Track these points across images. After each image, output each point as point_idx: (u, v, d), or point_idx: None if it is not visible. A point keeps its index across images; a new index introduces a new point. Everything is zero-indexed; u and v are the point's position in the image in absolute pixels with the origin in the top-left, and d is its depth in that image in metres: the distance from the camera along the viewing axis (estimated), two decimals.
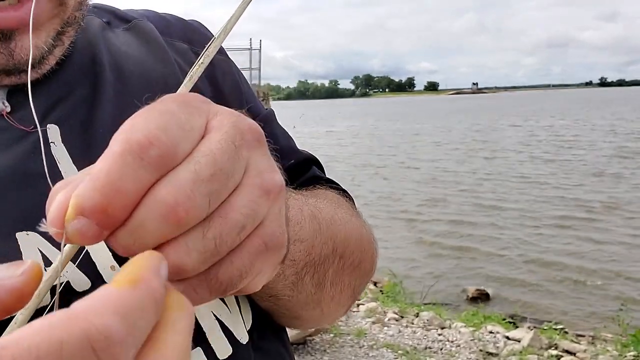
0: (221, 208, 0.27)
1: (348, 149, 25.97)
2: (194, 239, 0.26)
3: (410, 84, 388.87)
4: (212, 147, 0.27)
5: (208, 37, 0.67)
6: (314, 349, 4.20)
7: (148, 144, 0.25)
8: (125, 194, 0.25)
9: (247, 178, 0.28)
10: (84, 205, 0.24)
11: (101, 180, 0.24)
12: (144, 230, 0.25)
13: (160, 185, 0.25)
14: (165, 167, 0.26)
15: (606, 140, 24.54)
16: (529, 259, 8.67)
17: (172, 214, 0.25)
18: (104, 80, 0.55)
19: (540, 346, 4.45)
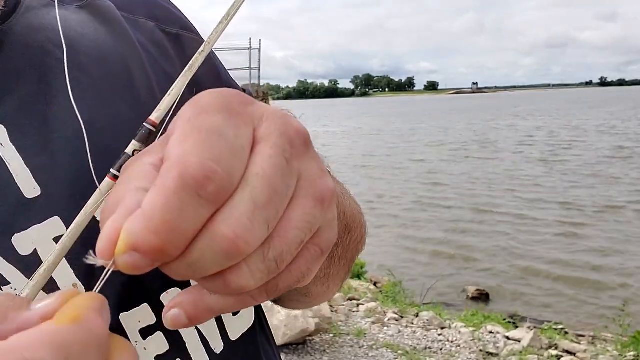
0: (279, 227, 0.27)
1: (344, 147, 25.98)
2: (255, 262, 0.26)
3: (410, 83, 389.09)
4: (265, 167, 0.26)
5: (173, 13, 0.61)
6: (313, 349, 4.20)
7: (204, 179, 0.24)
8: (182, 233, 0.24)
9: (300, 189, 0.28)
10: (137, 244, 0.23)
11: (156, 220, 0.23)
12: (203, 264, 0.25)
13: (217, 220, 0.25)
14: (222, 200, 0.25)
15: (603, 140, 24.54)
16: (528, 259, 8.68)
17: (232, 247, 0.25)
18: (55, 69, 0.47)
19: (540, 346, 4.45)
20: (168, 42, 0.58)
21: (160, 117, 0.31)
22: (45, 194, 0.42)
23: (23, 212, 0.41)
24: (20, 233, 0.41)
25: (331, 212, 0.30)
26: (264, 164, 0.26)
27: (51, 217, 0.42)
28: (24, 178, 0.42)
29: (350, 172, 18.07)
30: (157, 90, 0.52)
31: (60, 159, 0.44)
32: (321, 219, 0.28)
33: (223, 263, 0.25)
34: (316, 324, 4.23)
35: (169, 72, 0.56)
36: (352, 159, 22.06)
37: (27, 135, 0.44)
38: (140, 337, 0.46)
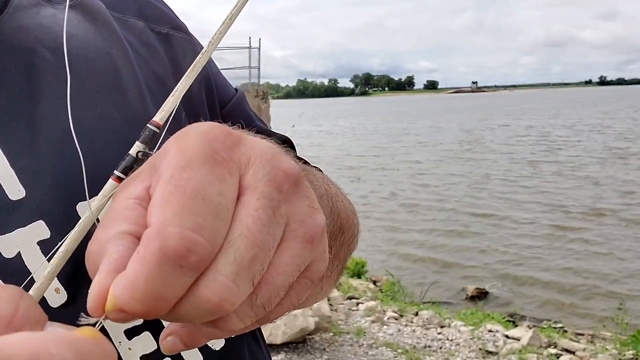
0: (267, 275, 0.26)
1: (333, 146, 25.96)
2: (243, 310, 0.27)
3: (410, 82, 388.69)
4: (249, 224, 0.25)
5: (163, 12, 0.61)
6: (313, 348, 4.20)
7: (186, 251, 0.24)
8: (165, 300, 0.24)
9: (288, 232, 0.27)
10: (123, 308, 0.24)
11: (139, 290, 0.24)
12: (190, 319, 0.26)
13: (201, 285, 0.25)
14: (204, 266, 0.25)
15: (598, 141, 24.54)
16: (528, 259, 8.68)
17: (218, 309, 0.25)
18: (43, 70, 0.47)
19: (539, 345, 4.45)
20: (158, 42, 0.58)
21: (164, 118, 0.31)
22: (30, 196, 0.42)
23: (7, 214, 0.41)
24: (4, 235, 0.41)
25: (321, 247, 0.29)
26: (248, 220, 0.26)
27: (36, 220, 0.42)
28: (9, 179, 0.42)
29: (343, 170, 18.07)
30: (146, 91, 0.52)
31: (46, 160, 0.43)
32: (311, 257, 0.28)
33: (209, 319, 0.26)
34: (316, 323, 4.23)
35: (158, 72, 0.55)
36: (345, 156, 22.07)
37: (13, 136, 0.43)
38: (125, 337, 0.46)
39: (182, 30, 0.61)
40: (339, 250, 0.57)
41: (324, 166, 0.63)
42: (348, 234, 0.58)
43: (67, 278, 0.42)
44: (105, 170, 0.45)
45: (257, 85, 12.65)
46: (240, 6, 0.33)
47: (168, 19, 0.61)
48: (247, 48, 12.69)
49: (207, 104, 0.59)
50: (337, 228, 0.54)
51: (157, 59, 0.56)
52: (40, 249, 0.42)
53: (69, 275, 0.42)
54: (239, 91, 0.68)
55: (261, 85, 13.63)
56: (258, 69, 13.00)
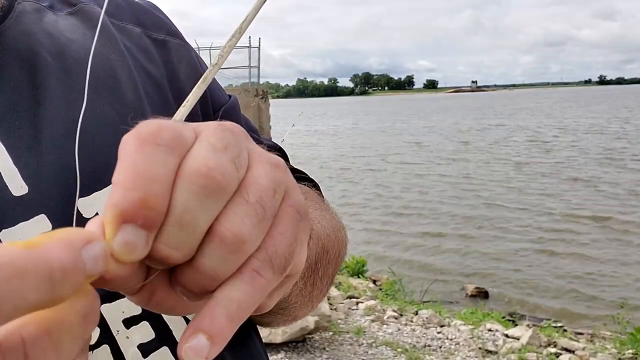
0: (249, 177, 0.27)
1: (325, 146, 25.98)
2: (240, 206, 0.26)
3: (410, 82, 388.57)
4: (212, 130, 0.28)
5: (160, 19, 0.64)
6: (313, 347, 4.21)
7: (158, 131, 0.25)
8: (157, 178, 0.24)
9: (253, 158, 0.29)
10: (123, 208, 0.23)
11: (130, 177, 0.24)
12: (191, 212, 0.25)
13: (186, 164, 0.25)
14: (181, 147, 0.26)
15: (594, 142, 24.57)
16: (527, 258, 8.68)
17: (210, 181, 0.25)
18: (45, 72, 0.49)
19: (539, 344, 4.46)
20: (154, 48, 0.60)
21: None
22: (32, 192, 0.44)
23: (11, 209, 0.43)
24: (9, 229, 0.42)
25: (290, 177, 0.30)
26: (210, 128, 0.28)
27: (38, 214, 0.43)
28: (12, 176, 0.43)
29: (337, 170, 18.09)
30: (143, 93, 0.54)
31: (48, 158, 0.45)
32: (284, 180, 0.29)
33: (207, 204, 0.25)
34: (316, 322, 4.23)
35: (154, 75, 0.58)
36: (341, 154, 22.08)
37: (16, 135, 0.45)
38: (124, 326, 0.47)
39: (178, 37, 0.64)
40: (326, 268, 0.58)
41: (317, 165, 0.64)
42: (332, 252, 0.59)
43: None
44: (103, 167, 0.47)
45: (257, 85, 12.65)
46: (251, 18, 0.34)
47: (164, 26, 0.64)
48: (246, 47, 12.69)
49: (200, 111, 0.61)
50: (320, 249, 0.55)
51: (153, 64, 0.59)
52: None
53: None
54: (232, 97, 0.70)
55: (261, 84, 13.63)
56: (258, 68, 13.00)
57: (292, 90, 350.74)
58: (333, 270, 0.61)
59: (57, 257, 0.20)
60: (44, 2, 0.56)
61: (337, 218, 0.66)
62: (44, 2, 0.56)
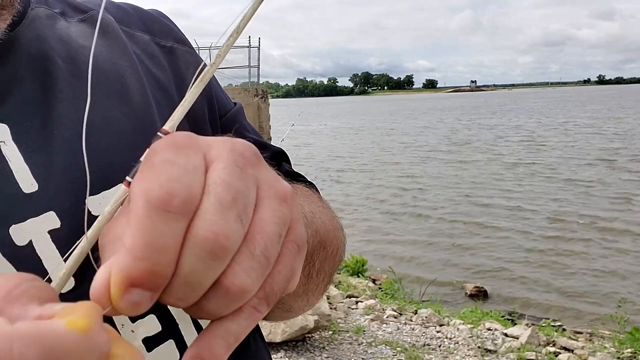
0: (255, 225, 0.28)
1: (318, 146, 25.97)
2: (246, 260, 0.27)
3: (409, 81, 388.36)
4: (221, 174, 0.28)
5: (169, 27, 0.66)
6: (312, 346, 4.21)
7: (168, 196, 0.26)
8: (165, 249, 0.25)
9: (262, 192, 0.30)
10: (129, 275, 0.25)
11: (138, 246, 0.25)
12: (196, 274, 0.26)
13: (194, 228, 0.26)
14: (190, 211, 0.26)
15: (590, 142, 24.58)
16: (527, 258, 8.69)
17: (215, 245, 0.26)
18: (56, 76, 0.51)
19: (538, 343, 4.46)
20: (162, 54, 0.62)
21: (173, 127, 0.32)
22: (42, 189, 0.45)
23: (21, 205, 0.44)
24: (18, 224, 0.43)
25: (296, 209, 0.31)
26: (220, 173, 0.28)
27: (47, 211, 0.45)
28: (23, 174, 0.45)
29: (332, 172, 18.08)
30: (151, 98, 0.56)
31: (58, 157, 0.46)
32: (289, 215, 0.30)
33: (213, 265, 0.26)
34: (315, 321, 4.24)
35: (163, 82, 0.59)
36: (337, 155, 22.08)
37: (28, 135, 0.47)
38: (129, 320, 0.48)
39: (185, 44, 0.66)
40: (323, 263, 0.59)
41: (312, 165, 0.65)
42: (330, 248, 0.60)
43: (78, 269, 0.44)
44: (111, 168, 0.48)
45: (257, 84, 12.65)
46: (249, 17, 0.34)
47: (172, 33, 0.66)
48: (246, 47, 12.68)
49: (208, 117, 0.63)
50: (317, 242, 0.57)
51: (161, 70, 0.61)
52: (51, 238, 0.44)
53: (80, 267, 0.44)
54: (237, 104, 0.72)
55: (261, 84, 13.63)
56: (258, 68, 13.00)
57: (291, 89, 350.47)
58: (331, 267, 0.63)
59: (104, 343, 0.22)
60: (56, 9, 0.58)
61: (336, 219, 0.68)
62: (56, 8, 0.58)
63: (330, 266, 0.62)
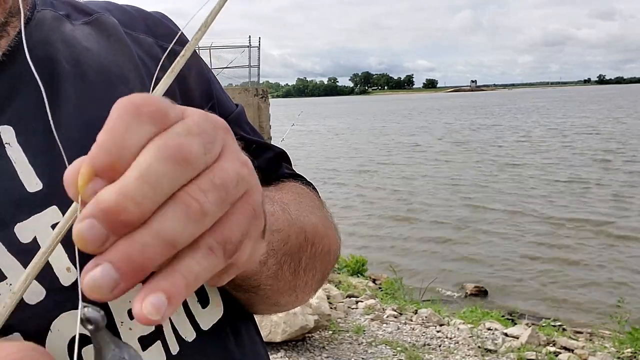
0: (217, 165, 0.29)
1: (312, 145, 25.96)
2: (206, 184, 0.28)
3: (410, 81, 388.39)
4: (195, 117, 0.30)
5: (172, 29, 0.67)
6: (313, 346, 4.21)
7: (142, 102, 0.28)
8: (129, 146, 0.27)
9: (225, 153, 0.31)
10: (94, 164, 0.26)
11: (106, 140, 0.27)
12: (154, 173, 0.27)
13: (158, 137, 0.28)
14: (159, 121, 0.28)
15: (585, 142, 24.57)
16: (527, 257, 8.70)
17: (178, 154, 0.27)
18: (62, 78, 0.52)
19: (538, 343, 4.47)
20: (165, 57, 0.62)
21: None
22: (46, 188, 0.46)
23: (25, 204, 0.45)
24: (22, 222, 0.44)
25: (255, 180, 0.33)
26: (195, 114, 0.30)
27: (50, 206, 0.45)
28: (28, 174, 0.46)
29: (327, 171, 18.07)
30: None
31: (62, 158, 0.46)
32: (248, 179, 0.31)
33: (173, 171, 0.27)
34: (315, 321, 4.24)
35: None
36: (334, 155, 22.08)
37: (33, 137, 0.48)
38: (128, 317, 0.48)
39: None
40: (312, 261, 0.60)
41: (309, 165, 0.65)
42: (320, 246, 0.61)
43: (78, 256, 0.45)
44: None
45: (257, 84, 12.65)
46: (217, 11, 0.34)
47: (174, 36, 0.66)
48: (246, 47, 12.69)
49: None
50: (302, 240, 0.58)
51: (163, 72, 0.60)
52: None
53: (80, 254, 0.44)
54: (239, 106, 0.73)
55: (261, 83, 13.64)
56: (258, 67, 13.00)
57: (292, 89, 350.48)
58: (323, 265, 0.63)
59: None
60: (61, 11, 0.58)
61: (330, 218, 0.68)
62: (61, 10, 0.58)
63: (322, 264, 0.63)
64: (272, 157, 0.71)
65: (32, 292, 0.43)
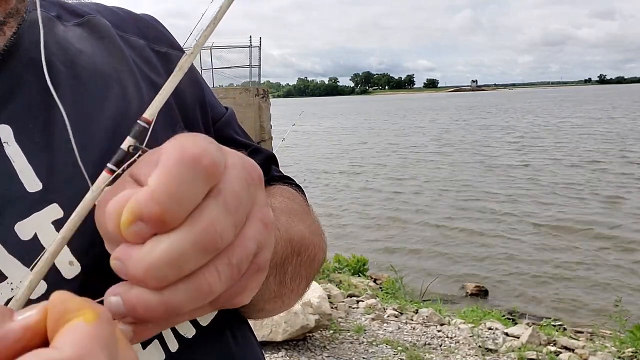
0: (241, 237, 0.31)
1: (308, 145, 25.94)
2: (222, 265, 0.30)
3: (410, 81, 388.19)
4: (234, 182, 0.31)
5: (162, 32, 0.67)
6: (313, 345, 4.22)
7: (202, 153, 0.28)
8: (183, 201, 0.27)
9: (253, 212, 0.33)
10: (142, 212, 0.27)
11: (161, 189, 0.27)
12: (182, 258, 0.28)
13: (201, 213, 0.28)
14: (213, 178, 0.29)
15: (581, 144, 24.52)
16: (527, 257, 8.69)
17: (211, 239, 0.28)
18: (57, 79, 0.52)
19: (539, 342, 4.47)
20: (157, 60, 0.63)
21: (153, 115, 0.33)
22: (46, 187, 0.46)
23: (25, 203, 0.45)
24: (23, 221, 0.44)
25: (271, 236, 0.35)
26: (233, 179, 0.31)
27: (50, 204, 0.46)
28: (27, 174, 0.46)
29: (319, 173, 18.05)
30: (147, 99, 0.57)
31: (60, 157, 0.48)
32: (265, 240, 0.33)
33: (200, 257, 0.28)
34: (316, 321, 4.24)
35: (158, 83, 0.60)
36: (331, 155, 22.07)
37: (30, 137, 0.48)
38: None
39: (179, 49, 0.68)
40: (298, 269, 0.61)
41: (306, 166, 0.66)
42: (306, 255, 0.62)
43: (81, 250, 0.45)
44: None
45: (258, 84, 12.65)
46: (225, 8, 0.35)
47: (165, 39, 0.67)
48: (247, 47, 12.68)
49: (201, 122, 0.65)
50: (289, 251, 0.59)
51: (156, 74, 0.62)
52: (55, 228, 0.45)
53: (83, 247, 0.46)
54: (229, 110, 0.74)
55: (262, 84, 13.63)
56: (259, 67, 12.99)
57: (292, 89, 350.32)
58: (308, 271, 0.64)
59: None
60: (51, 12, 0.57)
61: (316, 223, 0.69)
62: (52, 11, 0.58)
63: (307, 270, 0.64)
64: (262, 161, 0.72)
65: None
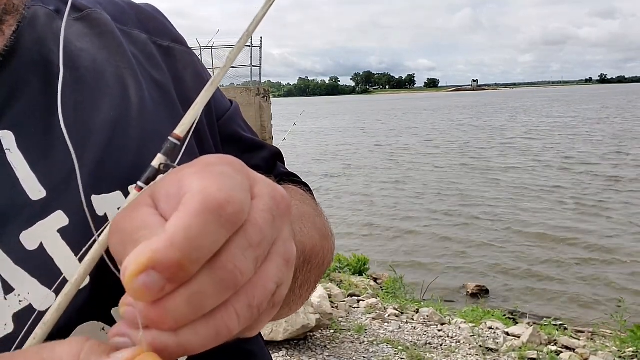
0: (261, 274, 0.29)
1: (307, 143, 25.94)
2: (242, 306, 0.28)
3: (411, 80, 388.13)
4: (259, 216, 0.29)
5: (165, 25, 0.65)
6: (314, 345, 4.22)
7: (226, 202, 0.27)
8: (202, 252, 0.26)
9: (276, 247, 0.31)
10: (157, 259, 0.25)
11: (181, 236, 0.25)
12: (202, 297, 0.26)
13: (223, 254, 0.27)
14: (236, 226, 0.27)
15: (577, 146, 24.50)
16: (528, 257, 8.69)
17: (232, 279, 0.27)
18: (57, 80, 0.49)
19: (539, 342, 4.47)
20: (159, 54, 0.61)
21: (184, 132, 0.32)
22: (50, 195, 0.45)
23: (30, 212, 0.44)
24: (27, 230, 0.43)
25: (292, 272, 0.33)
26: (259, 213, 0.29)
27: (55, 211, 0.44)
28: (30, 182, 0.44)
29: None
30: (148, 97, 0.55)
31: (63, 163, 0.46)
32: (284, 278, 0.32)
33: (219, 296, 0.27)
34: (317, 320, 4.25)
35: (160, 81, 0.58)
36: (330, 154, 22.06)
37: (32, 142, 0.46)
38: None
39: (182, 43, 0.65)
40: (307, 276, 0.60)
41: (306, 165, 0.66)
42: (316, 261, 0.61)
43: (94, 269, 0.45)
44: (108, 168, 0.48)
45: (259, 84, 12.65)
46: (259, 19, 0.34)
47: (169, 32, 0.64)
48: (248, 46, 12.67)
49: (206, 121, 0.62)
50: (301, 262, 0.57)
51: (158, 70, 0.59)
52: (60, 236, 0.44)
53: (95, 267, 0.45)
54: (234, 103, 0.71)
55: (262, 83, 13.63)
56: (259, 67, 12.99)
57: (293, 89, 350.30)
58: (316, 276, 0.63)
59: None
60: (50, 6, 0.55)
61: (326, 225, 0.67)
62: (51, 5, 0.55)
63: (315, 275, 0.63)
64: (268, 157, 0.70)
65: (42, 297, 0.42)
